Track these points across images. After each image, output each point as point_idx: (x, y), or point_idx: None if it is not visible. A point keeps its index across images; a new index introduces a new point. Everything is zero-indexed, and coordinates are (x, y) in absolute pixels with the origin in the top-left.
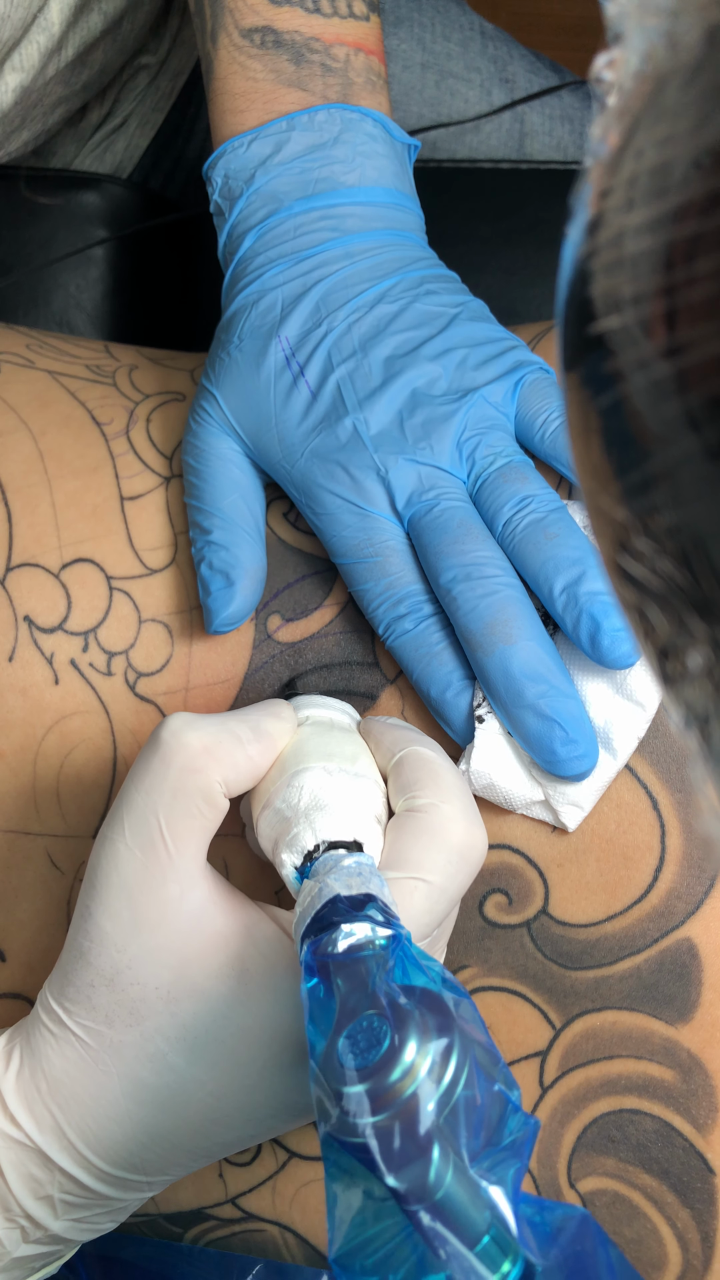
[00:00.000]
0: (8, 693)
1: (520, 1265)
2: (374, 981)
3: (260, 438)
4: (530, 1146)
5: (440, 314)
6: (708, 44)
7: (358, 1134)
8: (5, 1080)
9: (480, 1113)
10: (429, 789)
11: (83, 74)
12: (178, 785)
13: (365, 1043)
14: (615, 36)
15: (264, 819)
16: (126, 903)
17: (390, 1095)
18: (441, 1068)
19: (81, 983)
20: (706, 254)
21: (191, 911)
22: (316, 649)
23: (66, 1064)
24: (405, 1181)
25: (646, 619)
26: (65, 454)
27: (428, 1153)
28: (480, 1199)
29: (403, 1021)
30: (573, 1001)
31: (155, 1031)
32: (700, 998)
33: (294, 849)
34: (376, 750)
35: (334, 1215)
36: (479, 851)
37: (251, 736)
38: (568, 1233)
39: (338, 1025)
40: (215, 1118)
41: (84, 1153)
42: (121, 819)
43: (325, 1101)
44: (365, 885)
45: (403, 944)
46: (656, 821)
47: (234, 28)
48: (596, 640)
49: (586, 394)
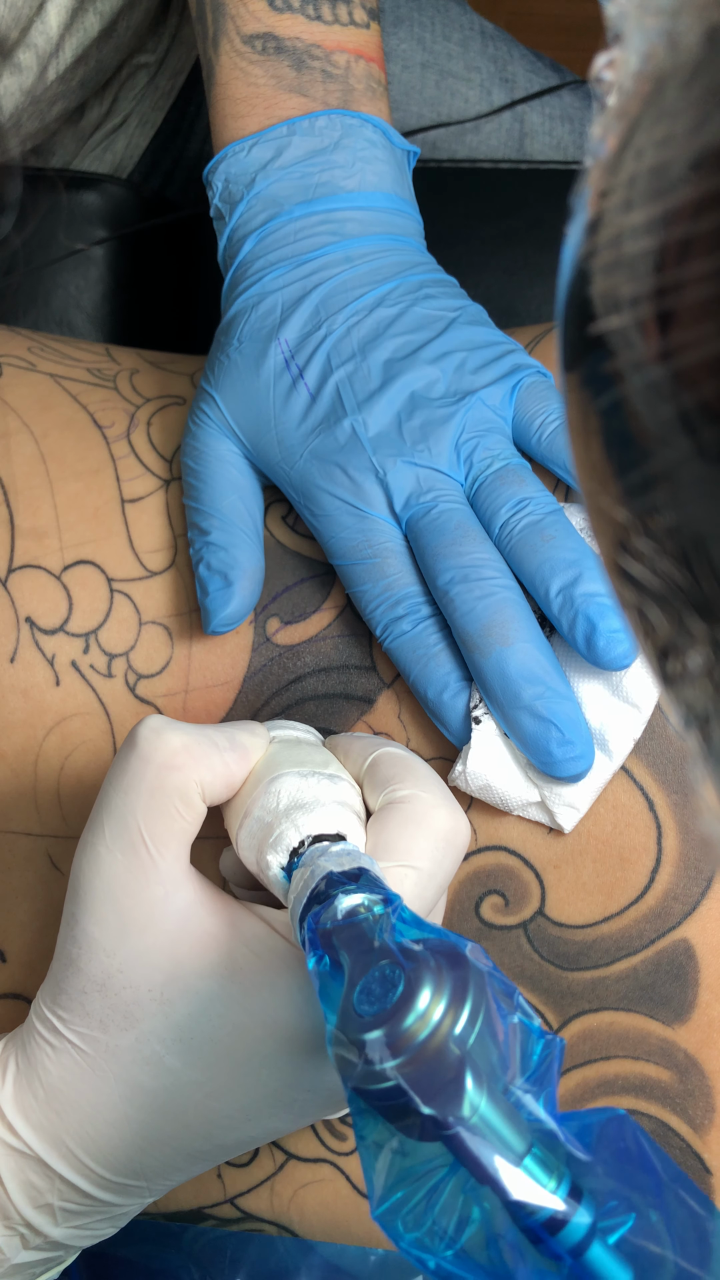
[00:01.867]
0: (9, 694)
1: (568, 1182)
2: (379, 936)
3: (259, 439)
4: (558, 1066)
5: (439, 318)
6: (708, 44)
7: (385, 1078)
8: (2, 1090)
9: (505, 1044)
10: (407, 781)
11: (79, 72)
12: (155, 784)
13: (380, 990)
14: (615, 36)
15: (245, 830)
16: (112, 907)
17: (410, 1034)
18: (458, 1003)
19: (73, 990)
20: (704, 255)
21: (178, 912)
22: (315, 652)
23: (63, 1071)
24: (440, 1107)
25: (646, 619)
26: (67, 456)
27: (460, 1077)
28: (518, 1118)
29: (415, 963)
30: (570, 1002)
31: (150, 1034)
32: (697, 998)
33: (279, 848)
34: (346, 760)
35: (372, 1175)
36: (463, 836)
37: (228, 745)
38: (609, 1134)
39: (350, 982)
40: (214, 1118)
41: (83, 1160)
42: (101, 823)
43: (347, 1055)
44: (356, 862)
45: (400, 908)
46: (653, 823)
47: (235, 34)
48: (592, 641)
49: (586, 394)
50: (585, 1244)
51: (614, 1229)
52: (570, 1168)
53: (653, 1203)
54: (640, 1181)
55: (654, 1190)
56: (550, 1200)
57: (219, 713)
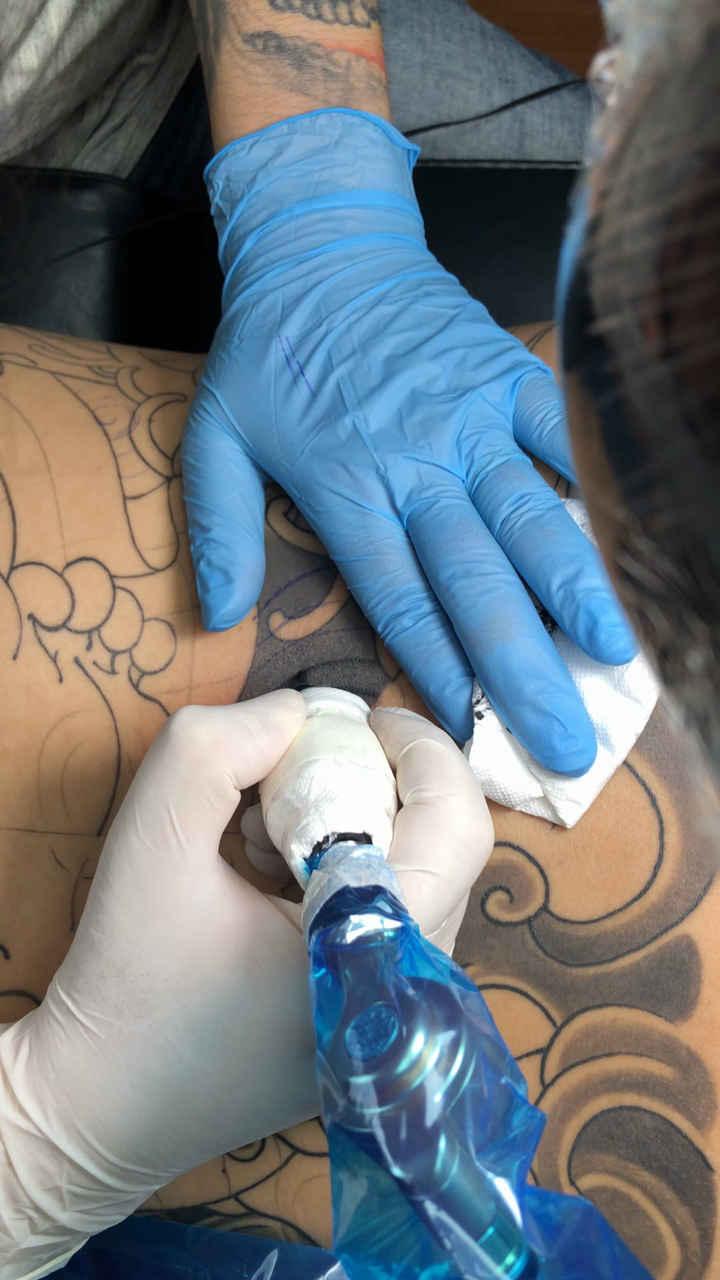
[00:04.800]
0: (12, 691)
1: (524, 1257)
2: (382, 973)
3: (260, 436)
4: (536, 1139)
5: (439, 315)
6: (708, 44)
7: (364, 1124)
8: (14, 1071)
9: (486, 1105)
10: (436, 782)
11: (79, 72)
12: (188, 778)
13: (373, 1033)
14: (615, 36)
15: (274, 810)
16: (138, 894)
17: (397, 1086)
18: (449, 1060)
19: (91, 974)
20: (704, 254)
21: (202, 903)
22: (318, 646)
23: (75, 1055)
24: (411, 1171)
25: (646, 619)
26: (68, 453)
27: (434, 1143)
28: (486, 1190)
29: (411, 1013)
30: (573, 999)
31: (164, 1023)
32: (699, 994)
33: (303, 840)
34: (386, 742)
35: (339, 1204)
36: (485, 844)
37: (260, 728)
38: (572, 1224)
39: (345, 1015)
40: (223, 1109)
41: (92, 1144)
42: (134, 811)
43: (332, 1091)
44: (374, 877)
45: (411, 936)
46: (655, 818)
47: (236, 33)
48: (594, 636)
49: (586, 394)
50: None
51: None
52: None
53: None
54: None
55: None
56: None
57: None
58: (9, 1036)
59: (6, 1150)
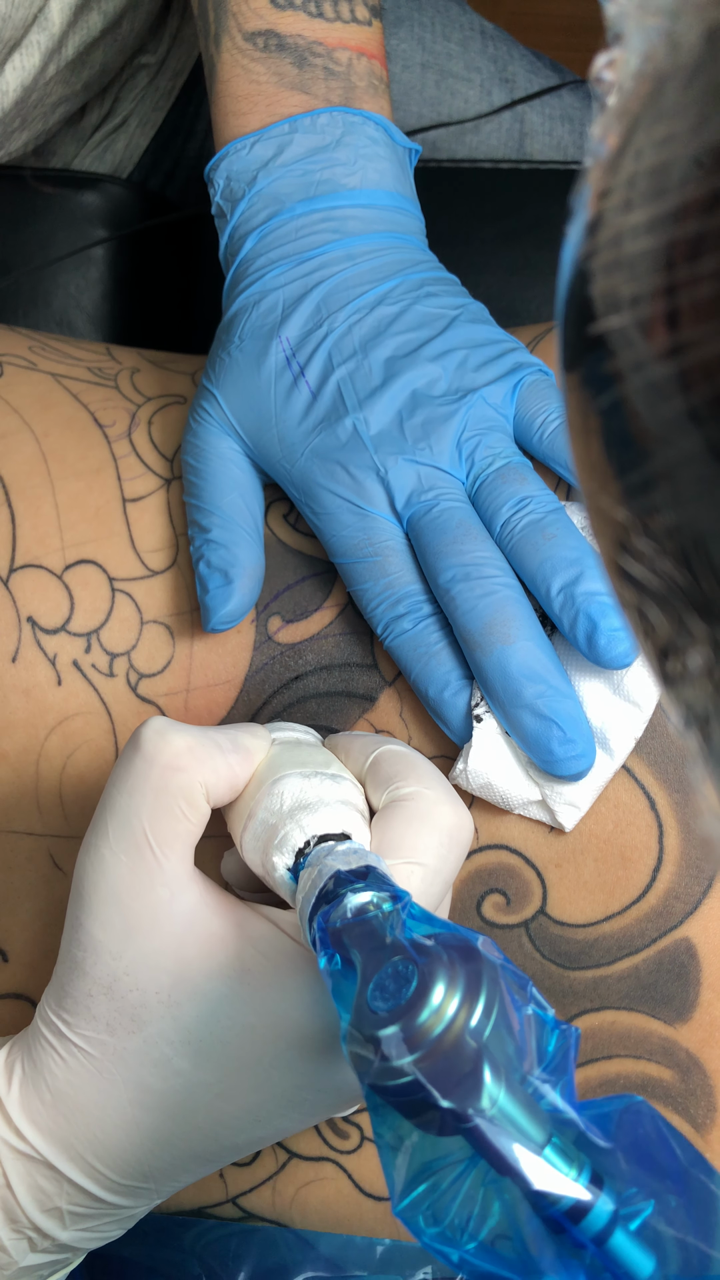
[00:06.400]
0: (11, 694)
1: (588, 1171)
2: (390, 933)
3: (260, 437)
4: (574, 1055)
5: (440, 316)
6: (708, 44)
7: (402, 1074)
8: (9, 1096)
9: (521, 1035)
10: (410, 778)
11: (82, 73)
12: (160, 785)
13: (394, 985)
14: (615, 36)
15: (249, 832)
16: (117, 909)
17: (425, 1029)
18: (473, 997)
19: (79, 993)
20: (705, 254)
21: (184, 914)
22: (316, 650)
23: (70, 1075)
24: (459, 1100)
25: (646, 619)
26: (68, 455)
27: (478, 1070)
28: (537, 1108)
29: (429, 959)
30: (571, 1001)
31: (158, 1036)
32: (699, 997)
33: (284, 849)
34: (348, 759)
35: (391, 1172)
36: (467, 832)
37: (231, 746)
38: (627, 1121)
39: (364, 977)
40: (223, 1120)
41: (92, 1163)
42: (105, 824)
43: (363, 1052)
44: (363, 860)
45: (409, 904)
46: (654, 822)
47: (237, 31)
48: (593, 640)
49: (586, 394)
50: (608, 1232)
51: (635, 1215)
52: (589, 1155)
53: (672, 1188)
54: (659, 1167)
55: (674, 1175)
56: (572, 1189)
57: (221, 711)
58: (0, 1059)
59: (5, 1172)
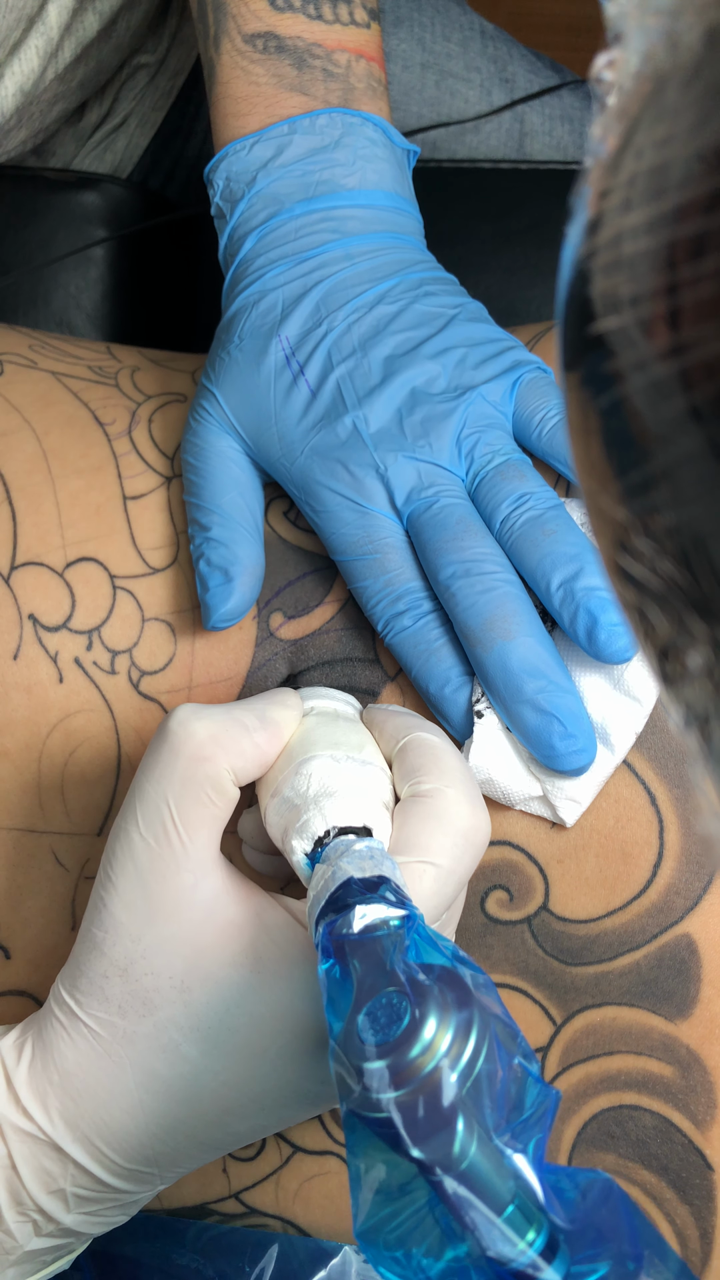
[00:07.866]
0: (12, 691)
1: (545, 1234)
2: (391, 959)
3: (260, 436)
4: (552, 1116)
5: (439, 314)
6: (708, 44)
7: (380, 1109)
8: (17, 1074)
9: (501, 1086)
10: (433, 774)
11: (79, 72)
12: (186, 774)
13: (385, 1019)
14: (615, 36)
15: (273, 807)
16: (141, 892)
17: (411, 1070)
18: (462, 1042)
19: (94, 974)
20: (706, 254)
21: (205, 900)
22: (318, 646)
23: (79, 1056)
24: (430, 1152)
25: (646, 619)
26: (68, 453)
27: (452, 1124)
28: (505, 1168)
29: (422, 997)
30: (573, 998)
31: (168, 1022)
32: (699, 994)
33: (304, 835)
34: (380, 738)
35: (358, 1192)
36: (483, 834)
37: (258, 725)
38: (591, 1198)
39: (356, 1003)
40: (229, 1108)
41: (98, 1145)
42: (135, 809)
43: (346, 1078)
44: (378, 868)
45: (417, 924)
46: (655, 817)
47: (237, 33)
48: (594, 635)
49: (586, 394)
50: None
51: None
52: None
53: (630, 1254)
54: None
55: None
56: (525, 1255)
57: None
58: (11, 1038)
59: (10, 1153)
